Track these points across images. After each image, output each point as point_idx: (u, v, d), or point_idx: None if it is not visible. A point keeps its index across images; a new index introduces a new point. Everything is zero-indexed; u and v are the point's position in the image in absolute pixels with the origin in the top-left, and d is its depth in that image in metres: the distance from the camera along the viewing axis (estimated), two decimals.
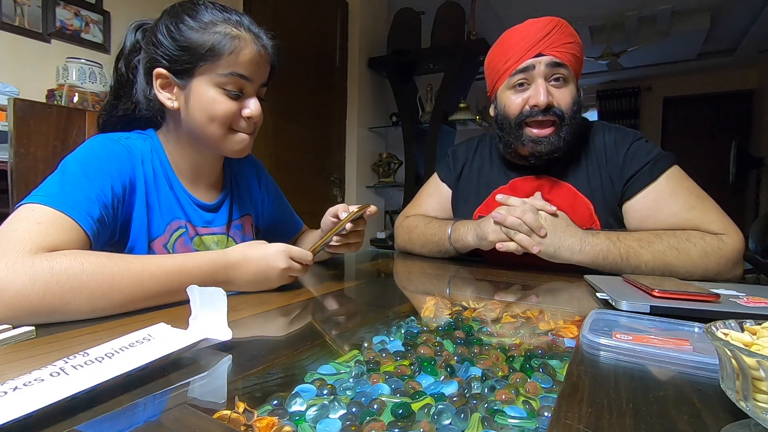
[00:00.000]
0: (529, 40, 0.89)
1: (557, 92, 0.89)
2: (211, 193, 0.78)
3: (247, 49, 0.64)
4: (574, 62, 0.90)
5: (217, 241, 0.77)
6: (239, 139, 0.68)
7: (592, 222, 0.91)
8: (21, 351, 0.38)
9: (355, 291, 0.69)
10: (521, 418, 0.29)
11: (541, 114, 0.88)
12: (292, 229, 0.99)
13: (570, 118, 0.89)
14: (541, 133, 0.90)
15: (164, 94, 0.66)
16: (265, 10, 2.46)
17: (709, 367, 0.35)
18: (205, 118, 0.65)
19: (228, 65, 0.63)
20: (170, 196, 0.71)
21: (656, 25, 3.87)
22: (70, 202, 0.54)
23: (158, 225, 0.69)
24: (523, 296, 0.69)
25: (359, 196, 3.13)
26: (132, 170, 0.65)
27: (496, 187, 1.03)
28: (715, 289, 0.60)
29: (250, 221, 0.86)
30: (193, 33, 0.62)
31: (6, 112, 0.81)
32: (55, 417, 0.26)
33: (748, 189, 4.83)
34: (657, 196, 0.86)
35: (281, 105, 2.61)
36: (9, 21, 1.57)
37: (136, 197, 0.66)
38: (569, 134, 0.90)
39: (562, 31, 0.89)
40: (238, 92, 0.65)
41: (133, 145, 0.67)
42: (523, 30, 0.91)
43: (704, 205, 0.84)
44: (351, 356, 0.40)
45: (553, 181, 0.96)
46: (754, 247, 3.05)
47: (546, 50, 0.88)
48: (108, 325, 0.46)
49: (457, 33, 2.88)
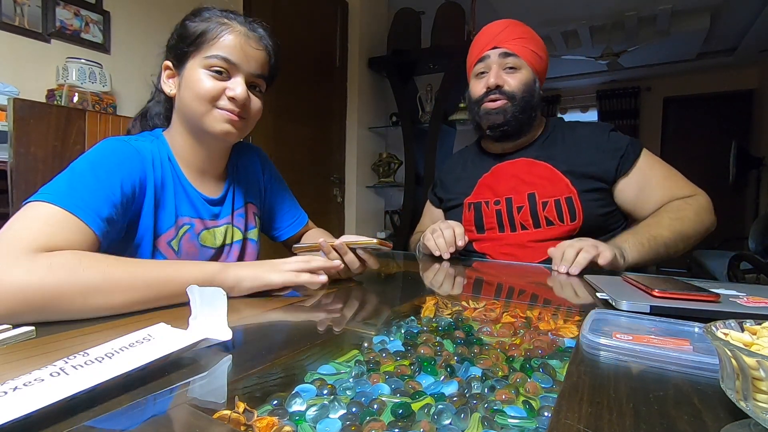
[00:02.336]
0: (487, 36, 1.10)
1: (508, 77, 1.07)
2: (216, 186, 0.80)
3: (232, 34, 0.69)
4: (528, 54, 1.07)
5: (224, 231, 0.79)
6: (219, 116, 0.70)
7: (569, 192, 1.04)
8: (21, 351, 0.38)
9: (355, 291, 0.69)
10: (521, 418, 0.29)
11: (493, 93, 1.07)
12: (297, 221, 1.00)
13: (520, 99, 1.06)
14: (492, 105, 1.08)
15: (168, 83, 0.73)
16: (265, 10, 2.46)
17: (709, 367, 0.35)
18: (191, 96, 0.69)
19: (213, 48, 0.68)
20: (180, 193, 0.73)
21: (656, 25, 3.87)
22: (79, 202, 0.55)
23: (165, 222, 0.70)
24: (523, 296, 0.69)
25: (359, 196, 3.13)
26: (142, 170, 0.67)
27: (481, 176, 1.17)
28: (715, 289, 0.60)
29: (253, 210, 0.87)
30: (191, 24, 0.70)
31: (6, 112, 0.81)
32: (55, 417, 0.26)
33: (748, 189, 4.83)
34: (643, 171, 1.03)
35: (281, 105, 2.61)
36: (9, 21, 1.57)
37: (145, 197, 0.67)
38: (519, 111, 1.06)
39: (514, 29, 1.08)
40: (220, 69, 0.68)
41: (142, 147, 0.69)
42: (484, 30, 1.12)
43: (673, 174, 1.05)
44: (351, 356, 0.40)
45: (531, 162, 1.10)
46: (754, 247, 3.05)
47: (500, 43, 1.07)
48: (108, 325, 0.46)
49: (457, 33, 2.88)
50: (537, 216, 1.05)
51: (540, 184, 1.06)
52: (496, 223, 1.10)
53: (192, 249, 0.74)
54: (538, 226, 1.05)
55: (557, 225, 1.03)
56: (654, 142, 5.36)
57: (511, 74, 1.07)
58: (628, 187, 1.04)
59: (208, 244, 0.76)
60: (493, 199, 1.11)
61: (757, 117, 4.95)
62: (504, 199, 1.09)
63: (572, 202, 1.02)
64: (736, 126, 5.07)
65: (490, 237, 1.12)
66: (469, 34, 2.89)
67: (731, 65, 4.91)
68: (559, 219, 1.03)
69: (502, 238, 1.09)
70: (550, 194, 1.04)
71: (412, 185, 2.98)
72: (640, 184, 1.03)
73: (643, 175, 1.03)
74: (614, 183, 1.04)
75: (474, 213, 1.14)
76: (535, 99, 1.08)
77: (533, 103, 1.08)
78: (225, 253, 0.80)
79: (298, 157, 2.75)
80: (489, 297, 0.66)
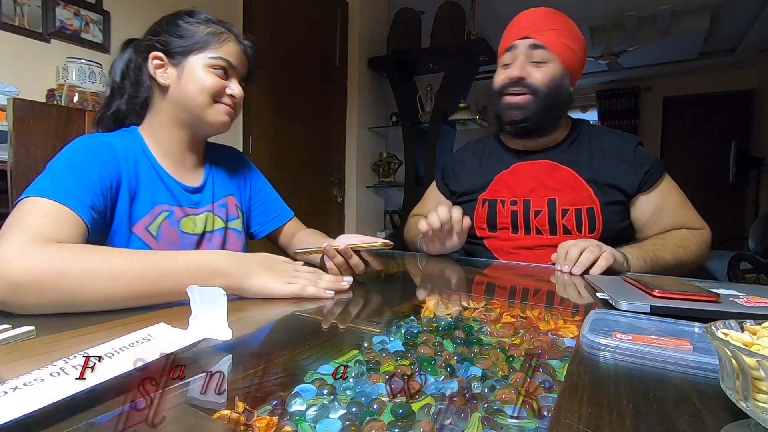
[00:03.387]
0: (518, 25, 1.04)
1: (534, 70, 1.00)
2: (195, 176, 0.85)
3: (232, 42, 0.79)
4: (560, 48, 1.00)
5: (204, 219, 0.82)
6: (222, 109, 0.79)
7: (592, 202, 1.02)
8: (21, 351, 0.38)
9: (355, 291, 0.69)
10: (521, 418, 0.29)
11: (516, 86, 1.01)
12: (280, 214, 1.01)
13: (544, 95, 1.00)
14: (513, 100, 1.02)
15: (159, 73, 0.77)
16: (265, 10, 2.46)
17: (709, 367, 0.35)
18: (195, 89, 0.76)
19: (217, 51, 0.77)
20: (157, 183, 0.77)
21: (656, 25, 3.87)
22: (67, 193, 0.59)
23: (141, 210, 0.74)
24: (523, 296, 0.69)
25: (359, 196, 3.13)
26: (115, 163, 0.71)
27: (499, 172, 1.12)
28: (715, 289, 0.59)
29: (234, 202, 0.90)
30: (191, 26, 0.77)
31: (6, 112, 0.81)
32: (55, 417, 0.26)
33: (748, 189, 4.83)
34: (663, 193, 1.02)
35: (281, 105, 2.61)
36: (9, 21, 1.57)
37: (120, 189, 0.71)
38: (541, 108, 1.01)
39: (549, 19, 1.02)
40: (222, 69, 0.78)
41: (113, 142, 0.73)
42: (517, 18, 1.06)
43: (687, 204, 1.04)
44: (351, 356, 0.40)
45: (553, 165, 1.06)
46: (754, 247, 3.05)
47: (531, 34, 1.00)
48: (108, 325, 0.46)
49: (457, 33, 2.88)
50: (555, 223, 1.02)
51: (561, 190, 1.03)
52: (510, 223, 1.07)
53: (172, 235, 0.77)
54: (554, 233, 1.03)
55: (574, 234, 1.01)
56: (654, 142, 5.36)
57: (537, 67, 1.00)
58: (645, 205, 1.02)
59: (189, 230, 0.80)
60: (510, 199, 1.08)
61: (757, 117, 4.95)
62: (522, 201, 1.06)
63: (593, 213, 1.00)
64: (736, 126, 5.07)
65: (502, 236, 1.09)
66: (469, 34, 2.89)
67: (731, 65, 4.91)
68: (578, 229, 1.01)
69: (514, 239, 1.07)
70: (571, 202, 1.02)
71: (412, 185, 2.98)
72: (657, 205, 1.01)
73: (662, 198, 1.01)
74: (634, 197, 1.02)
75: (488, 210, 1.10)
76: (562, 96, 1.02)
77: (559, 100, 1.02)
78: (206, 240, 0.83)
79: (298, 157, 2.75)
80: (489, 297, 0.66)
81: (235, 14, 2.36)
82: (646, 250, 0.93)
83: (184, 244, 0.78)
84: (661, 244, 0.96)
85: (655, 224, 1.02)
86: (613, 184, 1.00)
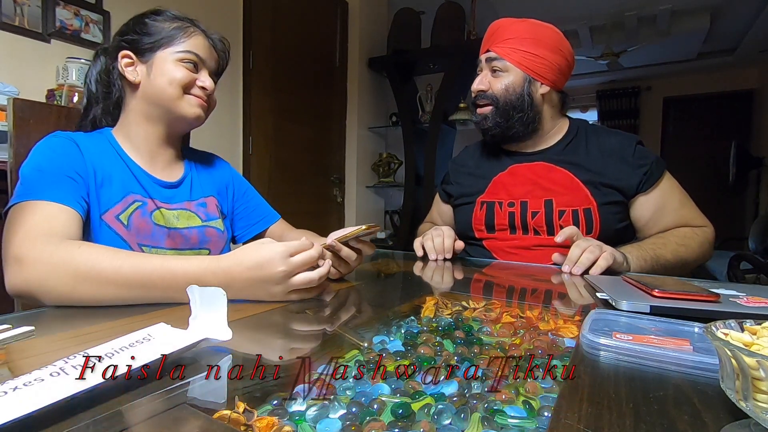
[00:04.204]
0: (484, 39, 1.11)
1: (495, 81, 1.07)
2: (171, 172, 0.85)
3: (199, 36, 0.81)
4: (516, 56, 1.04)
5: (177, 215, 0.82)
6: (193, 101, 0.80)
7: (589, 203, 1.02)
8: (21, 351, 0.38)
9: (355, 291, 0.69)
10: (521, 418, 0.29)
11: (480, 98, 1.09)
12: (265, 218, 1.01)
13: (504, 103, 1.06)
14: (479, 111, 1.10)
15: (129, 71, 0.79)
16: (265, 10, 2.46)
17: (709, 367, 0.35)
18: (165, 82, 0.77)
19: (184, 45, 0.78)
20: (127, 176, 0.78)
21: (656, 25, 3.87)
22: (49, 190, 0.63)
23: (111, 199, 0.75)
24: (523, 296, 0.69)
25: (359, 196, 3.13)
26: (78, 154, 0.73)
27: (496, 174, 1.14)
28: (715, 289, 0.59)
29: (215, 202, 0.90)
30: (157, 23, 0.79)
31: (6, 112, 0.81)
32: (55, 417, 0.26)
33: (748, 189, 4.83)
34: (664, 193, 1.02)
35: (281, 105, 2.61)
36: (9, 21, 1.57)
37: (87, 177, 0.73)
38: (504, 116, 1.06)
39: (505, 29, 1.06)
40: (192, 63, 0.79)
41: (76, 137, 0.75)
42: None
43: (689, 202, 1.04)
44: (351, 356, 0.40)
45: (549, 167, 1.08)
46: (754, 247, 3.05)
47: (489, 46, 1.07)
48: (108, 324, 0.46)
49: (457, 33, 2.88)
50: (552, 223, 1.03)
51: (558, 191, 1.04)
52: (508, 224, 1.08)
53: (144, 225, 0.77)
54: (552, 234, 1.03)
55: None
56: (654, 142, 5.36)
57: (496, 78, 1.06)
58: (645, 205, 1.02)
59: (162, 223, 0.80)
60: (507, 201, 1.09)
61: (757, 117, 4.95)
62: (519, 202, 1.08)
63: (591, 213, 1.01)
64: (736, 126, 5.07)
65: (500, 237, 1.10)
66: (469, 34, 2.89)
67: (731, 65, 4.91)
68: None
69: (512, 239, 1.08)
70: (568, 203, 1.02)
71: (412, 185, 2.98)
72: (658, 205, 1.02)
73: (663, 197, 1.02)
74: (633, 197, 1.02)
75: (486, 212, 1.12)
76: (526, 102, 1.05)
77: (523, 106, 1.05)
78: (183, 236, 0.82)
79: (298, 157, 2.75)
80: (489, 297, 0.66)
81: (235, 14, 2.36)
82: (646, 249, 0.93)
83: (155, 235, 0.78)
84: (662, 243, 0.96)
85: (657, 224, 1.02)
86: (611, 184, 1.01)
